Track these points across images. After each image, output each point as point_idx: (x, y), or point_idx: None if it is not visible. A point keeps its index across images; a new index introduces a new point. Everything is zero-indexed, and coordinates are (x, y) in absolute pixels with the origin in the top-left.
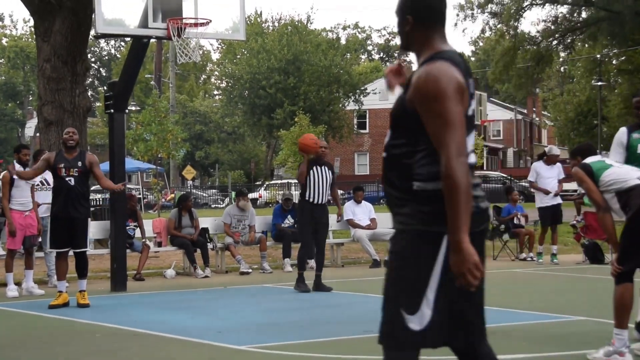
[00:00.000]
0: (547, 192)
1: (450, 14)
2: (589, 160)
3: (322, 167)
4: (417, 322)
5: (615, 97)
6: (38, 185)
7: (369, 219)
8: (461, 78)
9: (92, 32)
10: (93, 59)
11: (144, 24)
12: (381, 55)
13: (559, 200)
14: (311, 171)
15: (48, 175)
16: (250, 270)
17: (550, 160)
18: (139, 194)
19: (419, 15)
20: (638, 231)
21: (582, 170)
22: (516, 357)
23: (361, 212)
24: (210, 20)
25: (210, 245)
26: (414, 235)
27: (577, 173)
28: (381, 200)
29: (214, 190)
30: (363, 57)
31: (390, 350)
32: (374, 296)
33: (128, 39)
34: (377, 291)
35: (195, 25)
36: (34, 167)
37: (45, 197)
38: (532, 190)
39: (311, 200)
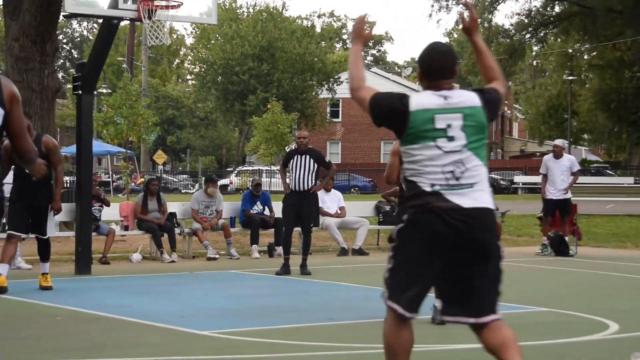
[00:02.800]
0: (543, 195)
1: (425, 4)
2: None
3: (304, 156)
4: None
5: (585, 91)
6: None
7: (338, 208)
8: None
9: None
10: (65, 40)
11: (114, 4)
12: None
13: (568, 195)
14: (292, 160)
15: None
16: (217, 256)
17: (556, 153)
18: (109, 177)
19: None
20: None
21: None
22: (478, 347)
23: (330, 200)
24: (182, 3)
25: (177, 230)
26: None
27: None
28: (352, 190)
29: (184, 176)
30: (338, 45)
31: None
32: (340, 284)
33: (100, 20)
34: (343, 279)
35: (167, 7)
36: None
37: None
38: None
39: (291, 187)
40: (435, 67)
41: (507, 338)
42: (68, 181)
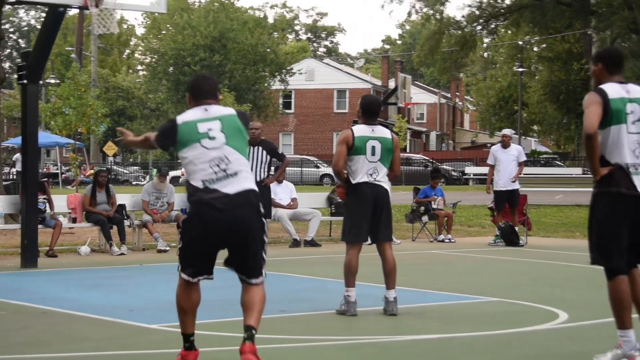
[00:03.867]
0: (487, 189)
1: None
2: (609, 87)
3: (256, 148)
4: None
5: (535, 83)
6: None
7: (290, 199)
8: None
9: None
10: (12, 30)
11: None
12: (308, 35)
13: (516, 185)
14: None
15: None
16: (168, 248)
17: (504, 143)
18: (57, 169)
19: None
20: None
21: (598, 94)
22: (429, 338)
23: (282, 191)
24: None
25: (127, 222)
26: None
27: (587, 100)
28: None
29: (135, 167)
30: (290, 36)
31: None
32: (292, 275)
33: (46, 8)
34: (295, 271)
35: None
36: None
37: None
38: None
39: None
40: (200, 90)
41: (255, 300)
42: (14, 173)
